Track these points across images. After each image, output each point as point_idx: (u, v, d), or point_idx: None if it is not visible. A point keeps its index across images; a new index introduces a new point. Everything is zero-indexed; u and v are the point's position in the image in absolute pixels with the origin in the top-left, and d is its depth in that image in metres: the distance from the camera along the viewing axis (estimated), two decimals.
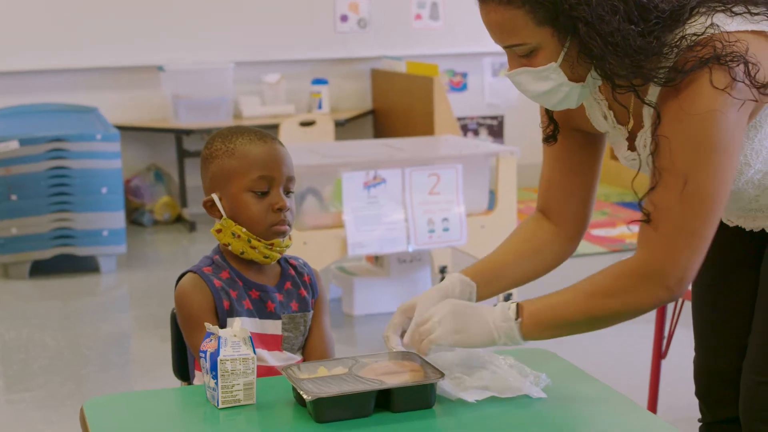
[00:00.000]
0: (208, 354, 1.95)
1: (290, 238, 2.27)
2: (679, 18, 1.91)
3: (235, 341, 1.95)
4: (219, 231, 2.25)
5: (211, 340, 1.97)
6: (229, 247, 2.24)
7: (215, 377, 1.94)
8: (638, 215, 1.96)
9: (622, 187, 7.63)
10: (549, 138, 2.21)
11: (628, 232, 6.47)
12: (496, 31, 1.96)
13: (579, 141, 2.21)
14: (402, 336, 2.09)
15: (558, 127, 2.19)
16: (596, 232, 6.58)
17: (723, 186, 1.90)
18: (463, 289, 2.15)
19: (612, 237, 6.42)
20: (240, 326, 1.97)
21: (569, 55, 1.93)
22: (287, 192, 2.24)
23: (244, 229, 2.22)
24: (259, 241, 2.22)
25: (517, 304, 1.99)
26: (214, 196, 2.25)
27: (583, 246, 6.25)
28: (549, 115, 2.20)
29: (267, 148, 2.23)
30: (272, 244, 2.23)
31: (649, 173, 1.99)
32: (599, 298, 1.96)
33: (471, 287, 2.16)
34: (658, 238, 1.92)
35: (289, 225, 2.24)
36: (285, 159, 2.25)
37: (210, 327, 1.98)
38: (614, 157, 7.86)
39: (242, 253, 2.23)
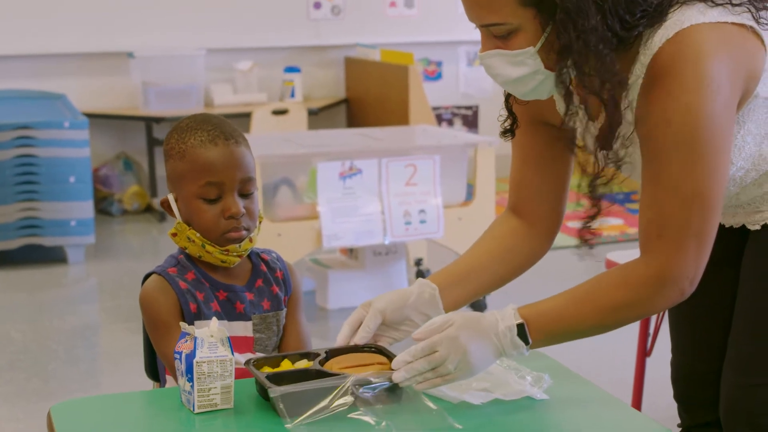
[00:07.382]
0: (183, 355, 1.85)
1: (251, 240, 2.15)
2: (662, 11, 1.82)
3: (212, 342, 1.85)
4: (174, 234, 2.15)
5: (186, 340, 1.86)
6: (187, 250, 2.15)
7: (191, 380, 1.84)
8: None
9: None
10: (506, 132, 2.11)
11: (605, 224, 6.39)
12: (474, 7, 1.84)
13: (549, 136, 2.10)
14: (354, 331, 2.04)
15: (516, 120, 2.09)
16: (572, 224, 6.48)
17: (721, 181, 1.84)
18: (422, 290, 2.06)
19: None
20: (217, 326, 1.87)
21: (548, 42, 1.83)
22: (245, 194, 2.13)
23: (198, 234, 2.11)
24: (213, 246, 2.11)
25: (523, 325, 1.88)
26: (170, 197, 2.15)
27: (559, 238, 6.16)
28: (508, 108, 2.10)
29: (218, 153, 2.09)
30: (227, 250, 2.12)
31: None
32: (612, 311, 1.89)
33: (433, 289, 2.06)
34: (667, 242, 1.84)
35: (247, 229, 2.13)
36: (239, 161, 2.11)
37: (186, 327, 1.87)
38: None
39: (200, 256, 2.14)
